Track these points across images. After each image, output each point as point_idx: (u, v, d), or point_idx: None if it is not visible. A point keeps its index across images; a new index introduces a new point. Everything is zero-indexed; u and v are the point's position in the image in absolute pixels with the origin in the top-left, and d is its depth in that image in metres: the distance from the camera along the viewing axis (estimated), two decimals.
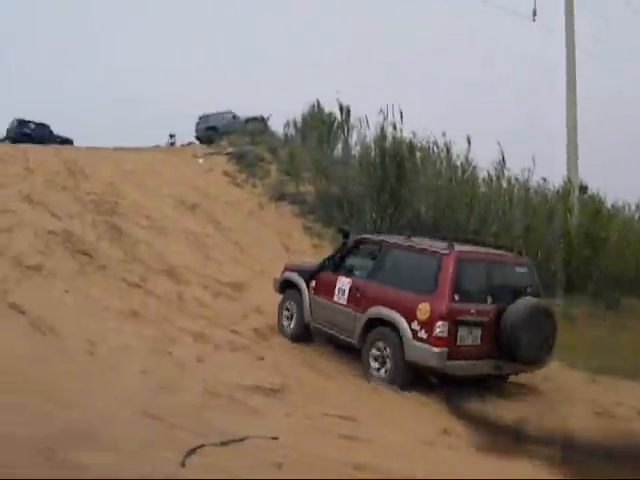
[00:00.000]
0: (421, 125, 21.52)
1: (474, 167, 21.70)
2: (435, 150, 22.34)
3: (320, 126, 25.64)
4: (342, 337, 10.86)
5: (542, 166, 21.61)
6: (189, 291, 14.47)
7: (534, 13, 22.62)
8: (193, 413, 7.89)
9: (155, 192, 19.30)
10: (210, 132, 34.18)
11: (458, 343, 9.32)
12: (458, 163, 21.85)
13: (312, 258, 14.11)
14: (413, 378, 9.66)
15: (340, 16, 70.29)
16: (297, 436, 7.63)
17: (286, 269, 12.65)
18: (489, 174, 21.77)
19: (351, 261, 11.30)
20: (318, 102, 27.61)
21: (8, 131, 37.25)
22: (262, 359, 11.06)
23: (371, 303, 10.21)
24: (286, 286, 12.39)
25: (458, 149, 21.94)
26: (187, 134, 36.26)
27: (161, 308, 13.24)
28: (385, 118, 21.07)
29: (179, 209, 19.99)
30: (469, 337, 9.42)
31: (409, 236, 10.84)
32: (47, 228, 16.57)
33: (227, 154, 28.29)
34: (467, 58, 72.70)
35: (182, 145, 35.54)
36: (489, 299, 9.63)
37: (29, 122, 36.95)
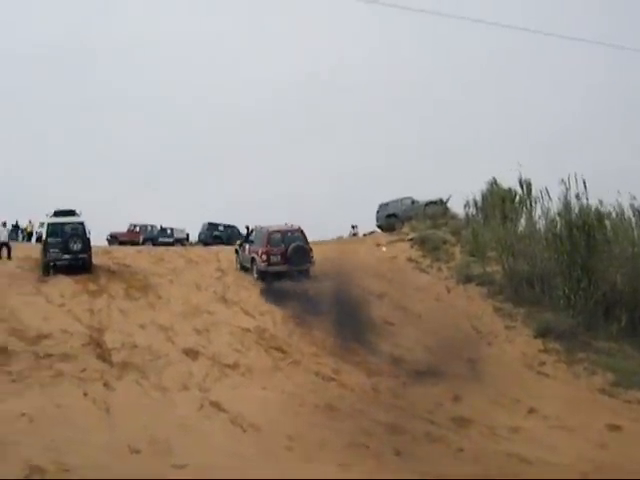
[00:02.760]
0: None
1: None
2: (626, 216, 21.06)
3: (501, 203, 25.09)
4: (248, 266, 23.01)
5: None
6: (382, 381, 14.47)
7: None
8: None
9: None
10: (391, 219, 34.36)
11: (271, 261, 21.70)
12: None
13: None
14: (265, 276, 21.71)
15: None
16: None
17: (235, 244, 25.60)
18: None
19: (250, 238, 23.79)
20: (495, 179, 27.08)
21: (199, 234, 39.67)
22: (462, 450, 10.77)
23: (252, 252, 22.57)
24: (236, 251, 24.56)
25: None
26: (368, 223, 36.68)
27: (356, 400, 13.32)
28: (567, 188, 20.40)
29: (367, 299, 20.10)
30: (275, 258, 21.68)
31: (262, 226, 23.37)
32: (241, 326, 17.39)
33: (409, 240, 28.38)
34: None
35: (364, 235, 35.95)
36: (282, 245, 21.81)
37: (218, 224, 39.13)
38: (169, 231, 40.04)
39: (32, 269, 21.52)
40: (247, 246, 23.33)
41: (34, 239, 35.15)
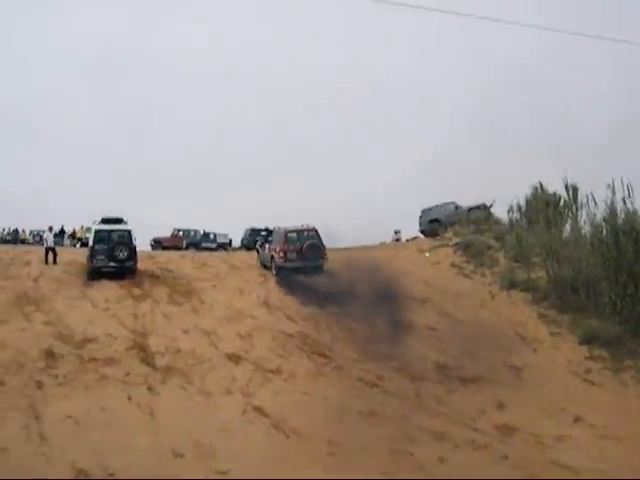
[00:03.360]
0: None
1: None
2: None
3: (545, 208, 24.69)
4: (268, 264, 24.68)
5: None
6: (426, 387, 14.35)
7: None
8: None
9: None
10: (434, 225, 34.07)
11: (287, 258, 23.21)
12: None
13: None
14: (285, 274, 22.91)
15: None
16: None
17: (257, 245, 29.17)
18: None
19: (269, 238, 27.12)
20: (540, 184, 26.67)
21: (242, 239, 39.88)
22: (506, 458, 10.63)
23: (271, 250, 24.31)
24: (257, 250, 27.22)
25: None
26: (411, 229, 36.43)
27: (399, 406, 13.23)
28: (613, 193, 20.03)
29: (409, 304, 20.01)
30: (292, 254, 23.17)
31: (280, 227, 25.26)
32: (284, 331, 17.39)
33: (453, 245, 28.10)
34: None
35: (407, 240, 35.73)
36: (298, 243, 23.47)
37: (260, 230, 39.26)
38: (212, 236, 40.38)
39: (78, 274, 21.81)
40: (267, 245, 25.84)
41: (79, 244, 35.89)
